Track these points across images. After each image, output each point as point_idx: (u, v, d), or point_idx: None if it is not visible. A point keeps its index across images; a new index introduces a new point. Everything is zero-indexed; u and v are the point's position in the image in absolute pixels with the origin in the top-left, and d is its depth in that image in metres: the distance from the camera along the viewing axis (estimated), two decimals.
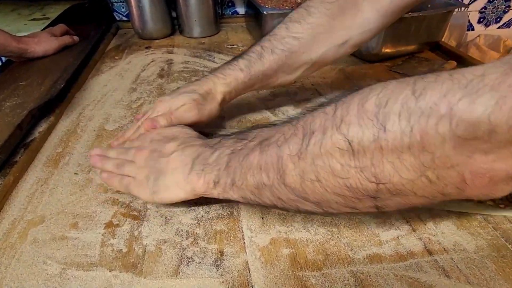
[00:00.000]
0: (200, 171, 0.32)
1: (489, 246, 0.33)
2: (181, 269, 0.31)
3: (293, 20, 0.44)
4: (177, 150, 0.35)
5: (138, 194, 0.35)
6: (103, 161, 0.38)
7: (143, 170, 0.35)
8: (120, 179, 0.36)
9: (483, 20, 1.01)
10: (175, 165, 0.34)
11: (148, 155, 0.36)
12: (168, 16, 0.84)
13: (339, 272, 0.31)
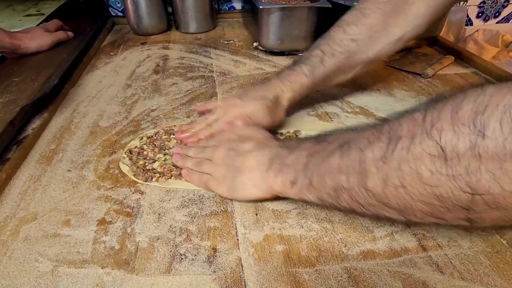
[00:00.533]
0: (277, 171, 0.33)
1: (483, 241, 0.33)
2: (173, 266, 0.31)
3: (349, 23, 0.46)
4: (254, 150, 0.36)
5: (216, 190, 0.37)
6: (183, 159, 0.40)
7: (221, 168, 0.37)
8: (199, 176, 0.38)
9: (482, 15, 1.01)
10: (251, 164, 0.35)
11: (225, 154, 0.38)
12: (164, 11, 0.83)
13: (332, 268, 0.30)
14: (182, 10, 0.81)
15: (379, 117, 0.52)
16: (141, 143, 0.46)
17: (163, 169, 0.42)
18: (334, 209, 0.32)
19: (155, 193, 0.38)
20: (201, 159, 0.39)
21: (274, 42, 0.68)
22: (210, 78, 0.63)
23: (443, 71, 0.64)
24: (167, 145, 0.46)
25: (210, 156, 0.39)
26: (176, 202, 0.37)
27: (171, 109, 0.54)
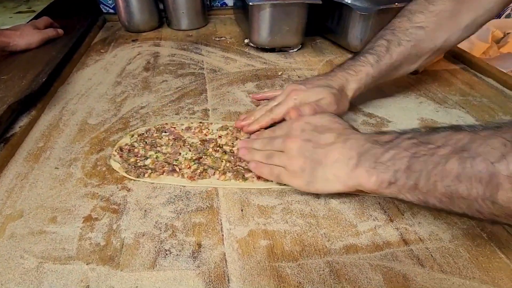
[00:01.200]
0: (370, 168, 0.31)
1: (464, 235, 0.33)
2: (158, 261, 0.31)
3: (414, 11, 0.45)
4: (337, 142, 0.34)
5: (290, 183, 0.36)
6: (251, 153, 0.40)
7: (297, 160, 0.35)
8: (270, 169, 0.37)
9: None
10: (335, 157, 0.33)
11: (301, 145, 0.35)
12: (155, 8, 0.83)
13: (315, 262, 0.31)
14: (173, 6, 0.81)
15: (367, 112, 0.52)
16: (132, 140, 0.47)
17: (155, 166, 0.42)
18: (439, 211, 0.30)
19: (142, 190, 0.38)
20: (270, 151, 0.38)
21: (265, 39, 0.68)
22: (201, 75, 0.63)
23: (432, 67, 0.65)
24: (159, 142, 0.46)
25: (281, 147, 0.37)
26: (162, 199, 0.37)
27: (161, 106, 0.54)
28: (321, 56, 0.70)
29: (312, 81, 0.45)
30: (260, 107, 0.46)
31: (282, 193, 0.38)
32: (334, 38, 0.74)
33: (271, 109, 0.44)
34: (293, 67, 0.66)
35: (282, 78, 0.62)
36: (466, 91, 0.57)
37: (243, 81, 0.61)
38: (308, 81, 0.46)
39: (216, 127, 0.49)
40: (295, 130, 0.38)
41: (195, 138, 0.47)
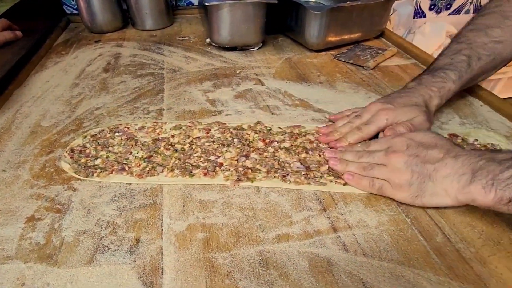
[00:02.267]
0: (488, 185, 0.31)
1: (389, 221, 0.35)
2: (95, 257, 0.32)
3: (491, 26, 0.47)
4: (447, 158, 0.35)
5: (393, 196, 0.37)
6: (343, 163, 0.40)
7: (403, 174, 0.36)
8: (371, 181, 0.38)
9: (434, 7, 1.04)
10: (446, 172, 0.34)
11: (407, 160, 0.36)
12: (118, 8, 0.83)
13: (247, 252, 0.32)
14: (136, 7, 0.81)
15: (317, 108, 0.54)
16: (84, 141, 0.47)
17: (104, 165, 0.43)
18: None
19: (88, 190, 0.39)
20: (368, 163, 0.39)
21: (225, 38, 0.69)
22: (160, 75, 0.64)
23: (385, 63, 0.67)
24: (111, 142, 0.47)
25: (383, 161, 0.38)
26: (107, 197, 0.38)
27: (116, 107, 0.54)
28: (280, 54, 0.72)
29: (396, 99, 0.45)
30: (342, 123, 0.47)
31: (224, 188, 0.39)
32: (294, 36, 0.76)
33: (359, 128, 0.44)
34: (252, 65, 0.67)
35: (240, 76, 0.63)
36: None
37: (201, 80, 0.62)
38: (391, 99, 0.46)
39: (170, 126, 0.50)
40: (400, 146, 0.38)
41: (148, 137, 0.48)
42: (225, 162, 0.43)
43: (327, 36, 0.68)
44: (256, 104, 0.55)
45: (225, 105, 0.55)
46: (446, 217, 0.36)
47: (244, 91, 0.59)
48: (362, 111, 0.46)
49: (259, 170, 0.42)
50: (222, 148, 0.45)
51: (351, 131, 0.45)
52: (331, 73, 0.64)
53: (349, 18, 0.68)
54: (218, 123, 0.50)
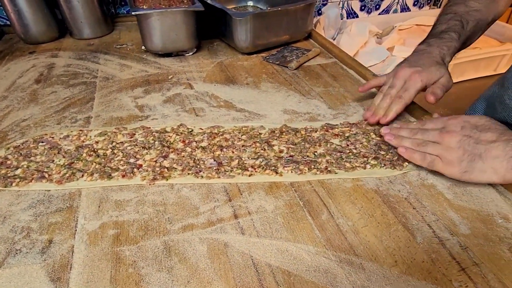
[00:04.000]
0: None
1: (285, 205, 0.40)
2: (7, 260, 0.34)
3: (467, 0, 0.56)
4: (499, 141, 0.38)
5: (443, 171, 0.40)
6: (398, 139, 0.44)
7: (455, 151, 0.39)
8: (423, 156, 0.41)
9: (364, 8, 1.13)
10: (496, 153, 0.38)
11: (461, 139, 0.40)
12: (53, 18, 0.83)
13: (153, 243, 0.36)
14: (71, 16, 0.81)
15: (239, 108, 0.58)
16: (6, 153, 0.48)
17: (25, 174, 0.44)
18: None
19: (6, 199, 0.41)
20: (422, 140, 0.42)
21: (157, 45, 0.72)
22: (92, 83, 0.66)
23: (309, 63, 0.73)
24: (34, 152, 0.48)
25: (437, 139, 0.41)
26: (24, 205, 0.40)
27: (44, 117, 0.56)
28: (213, 58, 0.76)
29: (419, 61, 0.50)
30: (380, 97, 0.50)
31: (140, 188, 0.43)
32: (227, 40, 0.80)
33: (399, 96, 0.48)
34: (184, 70, 0.71)
35: (171, 81, 0.66)
36: (329, 82, 0.66)
37: (133, 87, 0.65)
38: (415, 62, 0.51)
39: (95, 133, 0.52)
40: (454, 126, 0.41)
41: (72, 145, 0.50)
42: (144, 163, 0.46)
43: (255, 40, 0.73)
44: (182, 108, 0.58)
45: (153, 110, 0.58)
46: (334, 197, 0.41)
47: (173, 95, 0.62)
48: (393, 81, 0.50)
49: (175, 169, 0.45)
50: (143, 151, 0.48)
51: (393, 101, 0.49)
52: (258, 74, 0.69)
53: (274, 22, 0.73)
54: (143, 127, 0.53)
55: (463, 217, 0.38)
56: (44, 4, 0.80)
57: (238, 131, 0.51)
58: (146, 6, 0.71)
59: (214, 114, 0.57)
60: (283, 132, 0.50)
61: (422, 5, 1.20)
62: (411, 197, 0.41)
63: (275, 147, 0.48)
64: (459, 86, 0.97)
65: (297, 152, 0.47)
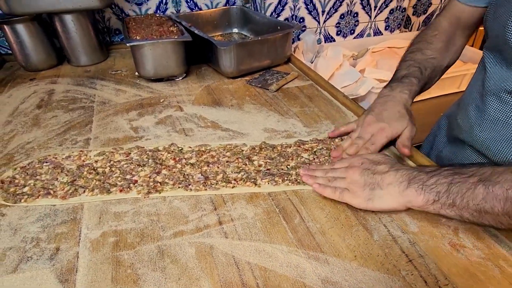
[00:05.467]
0: (419, 189, 0.41)
1: (263, 212, 0.46)
2: (20, 266, 0.39)
3: (423, 48, 0.63)
4: (391, 171, 0.45)
5: (351, 201, 0.45)
6: (312, 178, 0.50)
7: (357, 183, 0.46)
8: (333, 190, 0.47)
9: (340, 33, 1.23)
10: (390, 181, 0.44)
11: (362, 172, 0.46)
12: (51, 47, 0.89)
13: (148, 247, 0.41)
14: (69, 46, 0.88)
15: (224, 127, 0.65)
16: (14, 173, 0.54)
17: (32, 192, 0.50)
18: (471, 223, 0.41)
19: (16, 214, 0.46)
20: (333, 177, 0.48)
21: (149, 71, 0.79)
22: (90, 108, 0.72)
23: (288, 85, 0.81)
24: (39, 172, 0.54)
25: (344, 174, 0.48)
26: (33, 218, 0.45)
27: (46, 140, 0.61)
28: (201, 82, 0.83)
29: (383, 113, 0.56)
30: (347, 142, 0.56)
31: (136, 201, 0.48)
32: (214, 66, 0.88)
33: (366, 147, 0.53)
34: (175, 93, 0.78)
35: (163, 104, 0.73)
36: (305, 103, 0.74)
37: (128, 110, 0.71)
38: (380, 115, 0.56)
39: (95, 153, 0.58)
40: (356, 162, 0.48)
41: (73, 164, 0.55)
42: (139, 179, 0.52)
43: (238, 66, 0.81)
44: (173, 128, 0.65)
45: (146, 131, 0.64)
46: (306, 204, 0.47)
47: (165, 117, 0.68)
48: (361, 133, 0.56)
49: (167, 183, 0.51)
50: (138, 168, 0.54)
51: (360, 151, 0.54)
52: (242, 96, 0.76)
53: (255, 49, 0.81)
54: (138, 147, 0.59)
55: (414, 218, 0.45)
56: (44, 34, 0.87)
57: (223, 148, 0.58)
58: (139, 37, 0.78)
59: (202, 133, 0.63)
60: (262, 149, 0.57)
61: (393, 29, 1.32)
62: None
63: (255, 162, 0.54)
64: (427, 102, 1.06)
65: (273, 166, 0.53)
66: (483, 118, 0.54)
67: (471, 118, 0.57)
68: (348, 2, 1.17)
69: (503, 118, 0.51)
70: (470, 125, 0.57)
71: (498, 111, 0.52)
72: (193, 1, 1.06)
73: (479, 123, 0.55)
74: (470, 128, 0.57)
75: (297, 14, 1.13)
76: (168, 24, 0.87)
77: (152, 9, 1.04)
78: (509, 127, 0.51)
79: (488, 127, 0.54)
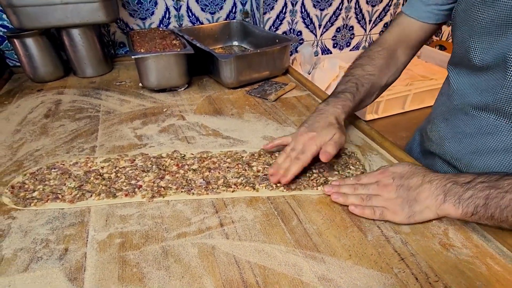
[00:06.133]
0: (456, 203, 0.42)
1: (262, 215, 0.49)
2: (30, 266, 0.41)
3: (364, 64, 0.64)
4: (424, 183, 0.46)
5: (393, 219, 0.46)
6: (344, 197, 0.49)
7: (395, 200, 0.46)
8: (372, 210, 0.47)
9: (336, 45, 1.28)
10: (426, 195, 0.45)
11: (396, 189, 0.47)
12: (59, 60, 0.93)
13: (153, 248, 0.43)
14: (76, 58, 0.92)
15: (225, 135, 0.68)
16: (24, 178, 0.56)
17: (41, 196, 0.52)
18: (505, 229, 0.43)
19: (26, 217, 0.48)
20: (366, 195, 0.49)
21: (153, 83, 0.82)
22: (96, 117, 0.75)
23: (286, 95, 0.84)
24: (48, 177, 0.56)
25: (378, 192, 0.48)
26: (42, 221, 0.47)
27: (54, 147, 0.64)
28: (203, 93, 0.86)
29: (315, 124, 0.56)
30: (282, 157, 0.55)
31: (141, 204, 0.50)
32: (215, 77, 0.91)
33: (297, 157, 0.53)
34: (177, 103, 0.81)
35: (166, 114, 0.76)
36: (303, 112, 0.77)
37: (132, 119, 0.74)
38: (312, 126, 0.56)
39: (101, 160, 0.60)
40: (387, 179, 0.49)
41: (81, 170, 0.58)
42: (144, 184, 0.54)
43: (238, 77, 0.84)
44: (176, 136, 0.68)
45: (150, 139, 0.67)
46: (303, 207, 0.50)
47: (167, 126, 0.71)
48: (294, 144, 0.56)
49: (170, 188, 0.53)
50: (142, 174, 0.56)
51: (292, 162, 0.53)
52: (242, 106, 0.79)
53: (254, 61, 0.85)
54: (142, 154, 0.61)
55: None
56: (52, 47, 0.91)
57: (224, 155, 0.61)
58: (143, 50, 0.82)
59: (203, 141, 0.66)
60: (261, 155, 0.60)
61: None
62: None
63: (254, 167, 0.57)
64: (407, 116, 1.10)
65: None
66: (452, 131, 0.56)
67: (440, 132, 0.59)
68: (344, 17, 1.22)
69: (470, 131, 0.53)
70: (440, 138, 0.59)
71: (465, 124, 0.54)
72: (195, 15, 1.11)
73: (448, 137, 0.57)
74: (440, 141, 0.59)
75: (295, 27, 1.18)
76: (171, 38, 0.91)
77: (156, 23, 1.08)
78: (476, 140, 0.53)
79: (457, 140, 0.56)
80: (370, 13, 1.27)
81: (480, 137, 0.52)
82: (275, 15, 1.13)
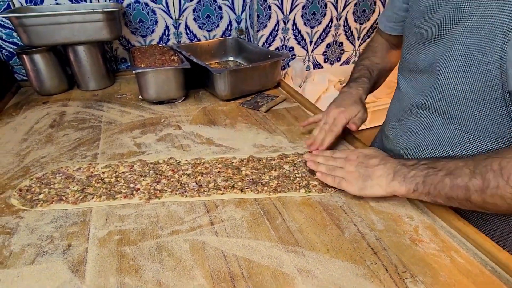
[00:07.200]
0: (401, 181, 0.49)
1: (249, 214, 0.53)
2: (36, 259, 0.45)
3: (370, 56, 0.76)
4: (380, 164, 0.53)
5: (347, 188, 0.54)
6: (316, 165, 0.59)
7: (353, 174, 0.54)
8: (333, 178, 0.56)
9: (327, 60, 1.35)
10: (379, 173, 0.52)
11: (357, 165, 0.55)
12: (64, 74, 0.99)
13: (148, 244, 0.48)
14: (80, 73, 0.98)
15: (218, 143, 0.73)
16: (30, 182, 0.60)
17: (46, 198, 0.56)
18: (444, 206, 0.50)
19: (32, 217, 0.52)
20: (333, 166, 0.57)
21: (152, 95, 0.88)
22: (98, 127, 0.80)
23: (277, 107, 0.90)
24: (52, 181, 0.61)
25: (342, 165, 0.56)
26: (47, 220, 0.52)
27: (59, 155, 0.69)
28: (198, 104, 0.92)
29: (343, 101, 0.68)
30: (317, 130, 0.67)
31: (138, 206, 0.55)
32: (210, 90, 0.97)
33: (331, 129, 0.65)
34: (174, 114, 0.86)
35: (163, 124, 0.81)
36: (291, 122, 0.82)
37: (132, 129, 0.79)
38: (340, 103, 0.68)
39: (102, 166, 0.65)
40: (352, 156, 0.57)
41: (83, 175, 0.62)
42: (141, 187, 0.59)
43: (232, 90, 0.90)
44: (172, 145, 0.72)
45: (148, 147, 0.72)
46: (287, 207, 0.54)
47: (165, 135, 0.76)
48: (326, 119, 0.67)
49: (166, 191, 0.58)
50: (140, 178, 0.61)
51: (327, 133, 0.65)
52: (235, 117, 0.85)
53: (247, 75, 0.91)
54: (140, 160, 0.66)
55: (380, 218, 0.52)
56: (57, 63, 0.97)
57: (215, 161, 0.65)
58: (144, 65, 0.88)
59: (198, 149, 0.71)
60: (250, 161, 0.64)
61: None
62: (345, 206, 0.54)
63: (243, 172, 0.61)
64: None
65: (257, 176, 0.60)
66: (403, 129, 0.63)
67: (394, 130, 0.66)
68: (333, 34, 1.29)
69: (415, 128, 0.60)
70: (394, 136, 0.66)
71: (411, 122, 0.61)
72: (193, 33, 1.18)
73: (400, 134, 0.64)
74: (394, 138, 0.66)
75: (287, 44, 1.25)
76: (170, 53, 0.97)
77: (156, 40, 1.15)
78: (419, 135, 0.59)
79: (407, 136, 0.62)
80: (358, 30, 1.34)
81: (422, 133, 0.59)
82: (268, 32, 1.20)
